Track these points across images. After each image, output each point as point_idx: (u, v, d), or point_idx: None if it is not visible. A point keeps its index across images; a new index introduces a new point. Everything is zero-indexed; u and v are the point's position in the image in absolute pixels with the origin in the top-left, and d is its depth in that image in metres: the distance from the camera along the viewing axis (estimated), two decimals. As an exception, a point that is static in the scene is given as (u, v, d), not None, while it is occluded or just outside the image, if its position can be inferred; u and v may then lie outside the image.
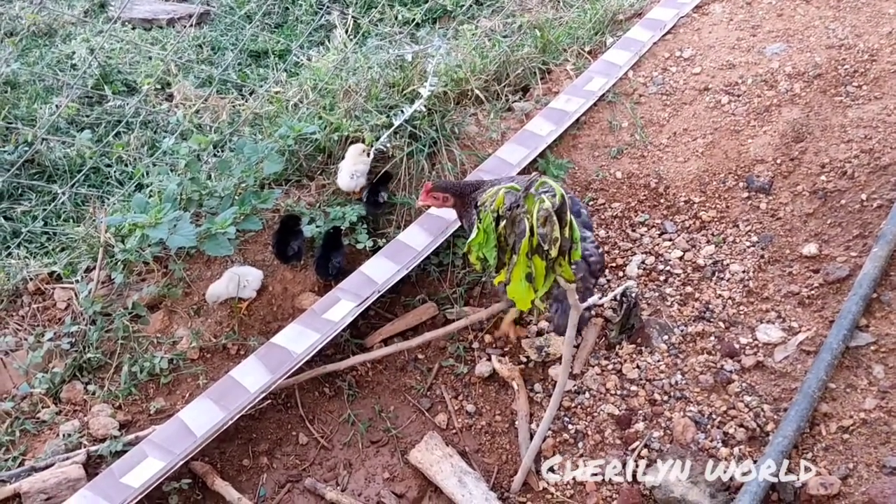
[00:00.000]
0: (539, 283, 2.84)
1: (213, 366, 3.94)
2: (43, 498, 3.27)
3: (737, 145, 4.54)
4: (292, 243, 4.17)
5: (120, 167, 5.13)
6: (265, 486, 3.70)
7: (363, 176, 4.44)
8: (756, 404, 3.58)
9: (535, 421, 3.77)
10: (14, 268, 4.21)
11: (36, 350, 3.84)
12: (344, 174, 4.43)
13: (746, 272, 4.05)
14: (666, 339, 3.91)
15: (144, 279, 4.12)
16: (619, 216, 4.49)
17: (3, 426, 3.62)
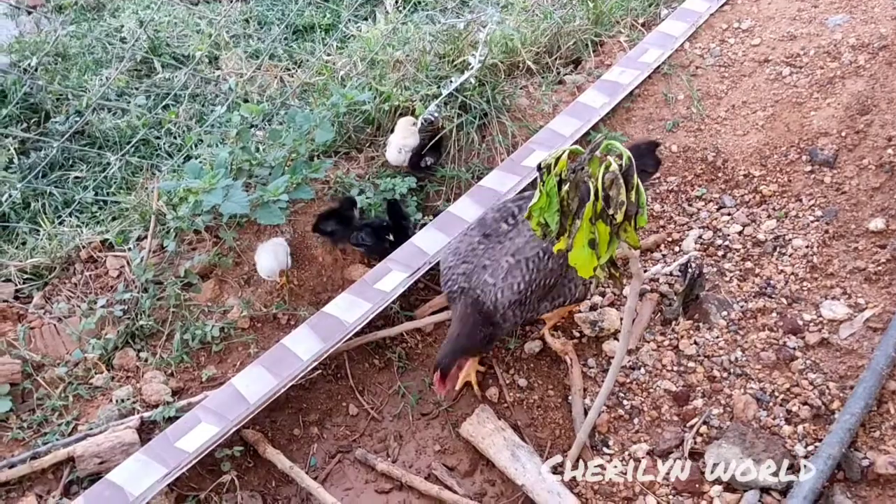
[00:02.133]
0: (602, 249, 2.75)
1: (263, 335, 3.92)
2: (97, 462, 3.28)
3: (799, 118, 4.39)
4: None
5: (169, 139, 5.14)
6: (316, 456, 3.68)
7: (412, 150, 4.38)
8: (821, 382, 3.46)
9: (589, 396, 3.69)
10: (67, 236, 4.23)
11: (89, 317, 3.86)
12: (392, 148, 4.38)
13: (810, 247, 3.91)
14: (725, 315, 3.80)
15: (195, 248, 4.11)
16: (675, 190, 4.38)
17: (57, 391, 3.63)
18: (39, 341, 3.82)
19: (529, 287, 3.38)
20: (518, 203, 3.57)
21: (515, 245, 3.40)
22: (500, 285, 3.35)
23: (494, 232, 3.47)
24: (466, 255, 3.43)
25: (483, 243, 3.44)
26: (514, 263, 3.37)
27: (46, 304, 3.97)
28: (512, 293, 3.35)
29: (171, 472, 3.16)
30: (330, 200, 4.28)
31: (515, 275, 3.35)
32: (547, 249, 3.38)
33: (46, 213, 4.50)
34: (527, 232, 3.42)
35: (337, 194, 4.35)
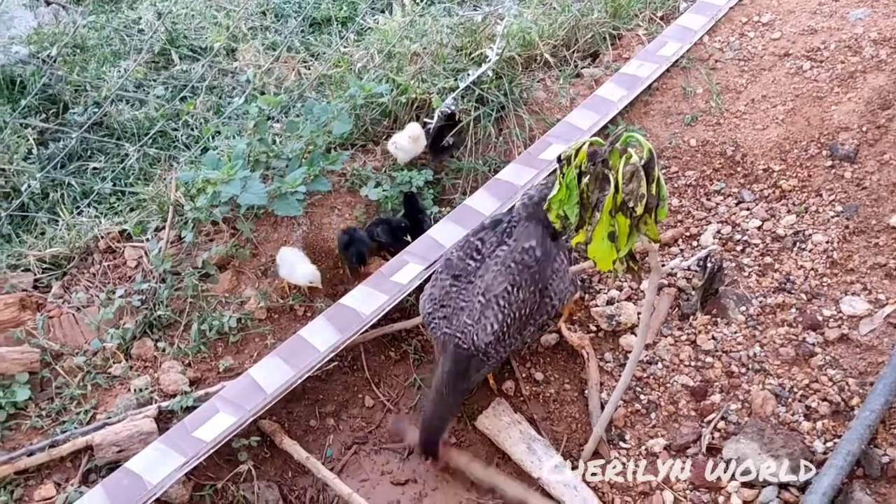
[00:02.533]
0: (622, 242, 2.74)
1: (280, 326, 3.93)
2: (115, 450, 3.30)
3: (819, 112, 4.35)
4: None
5: (186, 131, 5.16)
6: (332, 447, 3.69)
7: (404, 152, 4.39)
8: (840, 378, 3.44)
9: (606, 390, 3.68)
10: (85, 226, 4.25)
11: (107, 307, 3.87)
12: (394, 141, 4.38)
13: (830, 243, 3.88)
14: (743, 311, 3.78)
15: (213, 239, 4.12)
16: (694, 185, 4.35)
17: (76, 380, 3.65)
18: (58, 330, 3.84)
19: (503, 325, 3.31)
20: (479, 236, 3.51)
21: (485, 283, 3.35)
22: (475, 328, 3.29)
23: (463, 272, 3.41)
24: (442, 299, 3.38)
25: (455, 285, 3.39)
26: (486, 303, 3.31)
27: (65, 294, 3.99)
28: (486, 334, 3.29)
29: (189, 461, 3.17)
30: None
31: (488, 315, 3.29)
32: (515, 282, 3.33)
33: (65, 204, 4.53)
34: (493, 267, 3.37)
35: (353, 186, 4.35)
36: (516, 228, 3.48)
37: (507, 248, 3.41)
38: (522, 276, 3.33)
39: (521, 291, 3.31)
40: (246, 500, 3.41)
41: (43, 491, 3.25)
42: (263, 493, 3.44)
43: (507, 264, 3.35)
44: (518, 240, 3.43)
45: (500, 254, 3.39)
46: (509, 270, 3.33)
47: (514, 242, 3.42)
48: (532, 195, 3.61)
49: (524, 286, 3.31)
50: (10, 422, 3.50)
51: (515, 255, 3.37)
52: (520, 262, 3.35)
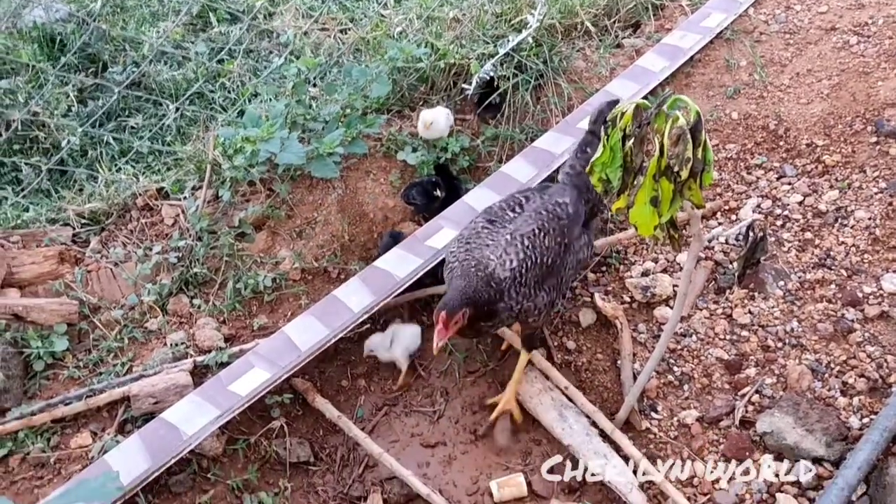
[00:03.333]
0: (665, 207, 2.70)
1: (314, 287, 3.94)
2: (151, 402, 3.34)
3: (865, 88, 4.26)
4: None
5: (224, 93, 5.17)
6: (363, 408, 3.71)
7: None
8: (879, 355, 3.39)
9: (638, 361, 3.66)
10: (123, 183, 4.28)
11: (144, 262, 3.91)
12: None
13: (873, 219, 3.81)
14: (782, 286, 3.73)
15: (249, 200, 4.14)
16: (734, 158, 4.28)
17: (113, 333, 3.70)
18: (96, 284, 3.89)
19: (523, 264, 3.20)
20: (525, 194, 3.49)
21: (515, 225, 3.31)
22: (495, 262, 3.18)
23: (500, 219, 3.38)
24: (470, 238, 3.32)
25: (487, 228, 3.34)
26: (510, 241, 3.24)
27: (103, 249, 4.04)
28: (503, 270, 3.17)
29: (224, 413, 3.21)
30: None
31: (510, 251, 3.21)
32: (543, 227, 3.27)
33: (103, 161, 4.56)
34: (526, 213, 3.34)
35: (389, 151, 4.34)
36: (553, 188, 3.48)
37: (539, 198, 3.42)
38: (551, 223, 3.29)
39: (548, 238, 3.27)
40: (278, 455, 3.45)
41: (79, 439, 3.30)
42: (295, 449, 3.47)
43: (539, 211, 3.34)
44: (552, 195, 3.43)
45: (534, 205, 3.39)
46: (539, 216, 3.31)
47: (548, 196, 3.43)
48: (574, 165, 3.58)
49: (551, 234, 3.27)
50: (48, 371, 3.56)
51: (548, 205, 3.37)
52: (551, 211, 3.34)
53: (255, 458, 3.43)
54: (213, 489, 3.26)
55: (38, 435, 3.31)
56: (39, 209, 4.22)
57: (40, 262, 3.84)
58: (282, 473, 3.44)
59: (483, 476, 3.48)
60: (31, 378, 3.54)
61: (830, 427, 3.20)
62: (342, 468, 3.53)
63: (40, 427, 3.33)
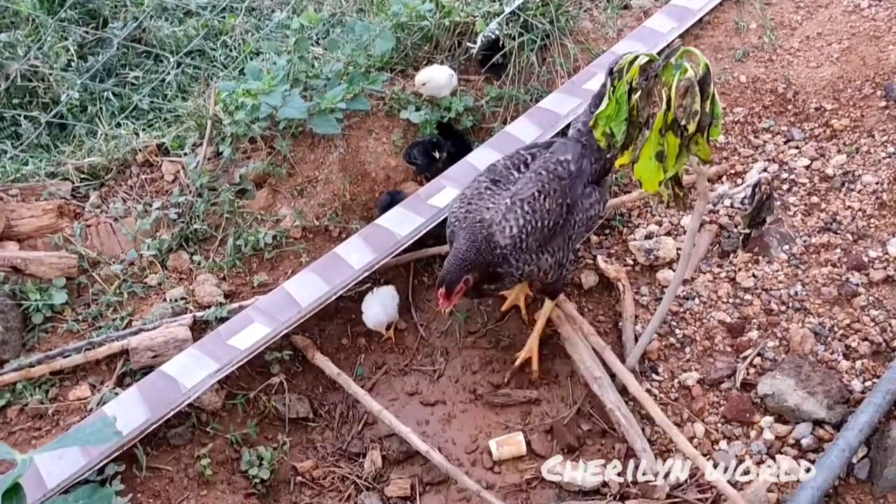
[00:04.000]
0: (670, 162, 2.65)
1: (315, 245, 3.92)
2: (150, 355, 3.32)
3: (876, 52, 4.20)
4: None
5: (225, 51, 5.10)
6: (363, 366, 3.70)
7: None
8: (883, 319, 3.37)
9: (640, 323, 3.63)
10: (123, 139, 4.24)
11: (144, 218, 3.89)
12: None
13: (880, 184, 3.77)
14: (786, 249, 3.70)
15: (250, 157, 4.10)
16: (742, 122, 4.23)
17: (112, 287, 3.68)
18: (95, 239, 3.86)
19: (523, 230, 3.15)
20: (531, 151, 3.42)
21: (516, 188, 3.23)
22: (495, 228, 3.14)
23: (504, 178, 3.31)
24: (472, 198, 3.26)
25: (490, 189, 3.27)
26: (510, 206, 3.17)
27: (102, 204, 4.01)
28: (504, 237, 3.12)
29: (223, 367, 3.20)
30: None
31: (509, 217, 3.14)
32: (544, 189, 3.20)
33: (103, 117, 4.52)
34: (527, 174, 3.28)
35: (392, 111, 4.29)
36: (556, 145, 3.40)
37: (541, 158, 3.34)
38: (552, 184, 3.22)
39: (548, 200, 3.19)
40: (277, 411, 3.44)
41: (78, 392, 3.30)
42: (294, 405, 3.47)
43: (538, 172, 3.26)
44: (554, 152, 3.35)
45: (535, 165, 3.32)
46: (539, 177, 3.23)
47: (550, 154, 3.34)
48: (587, 122, 3.50)
49: (552, 195, 3.20)
50: (47, 324, 3.55)
51: (549, 164, 3.29)
52: (552, 171, 3.26)
53: (254, 414, 3.43)
54: (211, 442, 3.26)
55: (36, 387, 3.31)
56: (39, 163, 4.18)
57: (39, 215, 3.81)
58: (281, 429, 3.44)
59: (482, 435, 3.48)
60: (29, 331, 3.53)
61: (832, 390, 3.18)
62: (341, 425, 3.53)
63: (38, 379, 3.32)
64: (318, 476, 3.35)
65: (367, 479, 3.34)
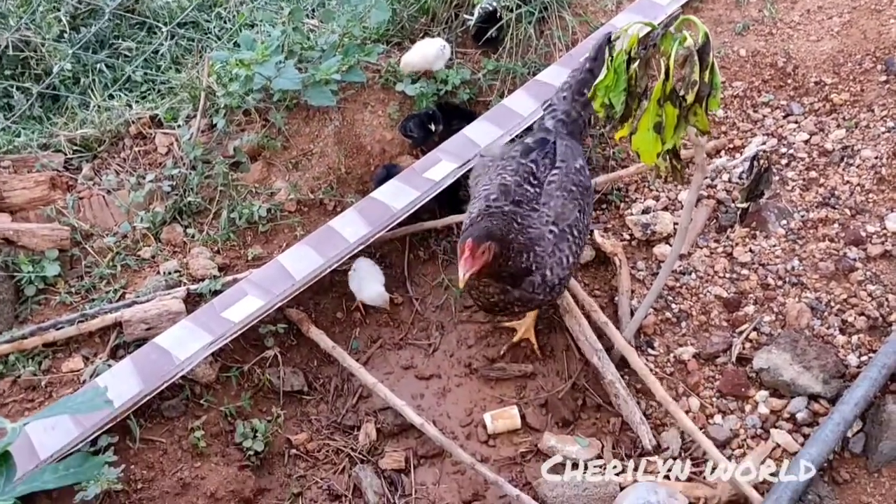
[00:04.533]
0: (668, 134, 2.63)
1: (309, 219, 3.89)
2: (144, 327, 3.31)
3: (877, 26, 4.16)
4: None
5: (219, 23, 5.04)
6: (358, 340, 3.69)
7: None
8: (880, 293, 3.35)
9: (636, 298, 3.62)
10: (116, 111, 4.20)
11: (137, 190, 3.85)
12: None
13: (879, 158, 3.74)
14: (784, 224, 3.68)
15: (244, 129, 4.05)
16: (741, 96, 4.19)
17: (105, 260, 3.66)
18: (88, 212, 3.83)
19: (575, 255, 3.11)
20: (531, 158, 3.21)
21: (554, 211, 3.07)
22: (549, 262, 2.99)
23: (523, 198, 3.10)
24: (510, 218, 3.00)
25: (517, 212, 3.04)
26: (559, 234, 3.02)
27: (95, 176, 3.97)
28: (562, 269, 3.02)
29: (217, 340, 3.18)
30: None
31: (563, 248, 3.02)
32: (582, 207, 3.13)
33: (96, 89, 4.47)
34: (557, 192, 3.12)
35: (388, 83, 4.24)
36: (558, 149, 3.26)
37: (559, 171, 3.19)
38: (585, 199, 3.18)
39: (585, 217, 3.19)
40: (271, 383, 3.43)
41: (71, 363, 3.28)
42: (289, 378, 3.46)
43: (569, 188, 3.14)
44: (566, 161, 3.22)
45: (555, 179, 3.16)
46: (573, 196, 3.12)
47: (564, 164, 3.20)
48: (569, 111, 3.45)
49: (587, 211, 3.18)
50: (40, 297, 3.53)
51: (572, 178, 3.17)
52: (579, 184, 3.18)
53: (248, 386, 3.42)
54: (205, 415, 3.25)
55: (29, 358, 3.30)
56: (31, 135, 4.14)
57: (31, 187, 3.78)
58: (275, 401, 3.43)
59: (477, 408, 3.47)
60: (22, 303, 3.51)
61: (828, 364, 3.17)
62: (336, 398, 3.52)
63: (31, 351, 3.31)
64: (312, 449, 3.34)
65: (361, 452, 3.34)
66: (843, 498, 2.96)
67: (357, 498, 3.24)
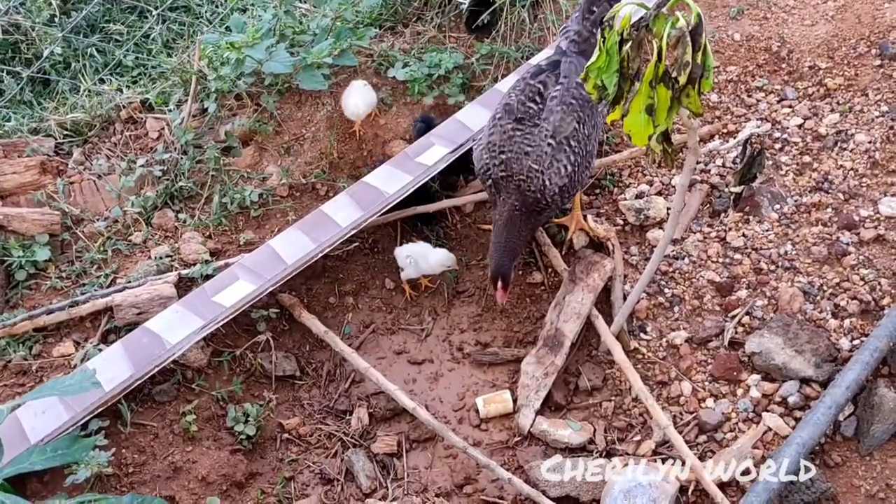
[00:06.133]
0: (661, 116, 2.61)
1: (302, 204, 3.87)
2: (135, 312, 3.29)
3: (871, 10, 4.15)
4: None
5: (210, 7, 5.02)
6: (350, 325, 3.68)
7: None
8: (873, 278, 3.35)
9: (629, 283, 3.61)
10: (107, 95, 4.17)
11: (128, 175, 3.84)
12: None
13: (873, 143, 3.74)
14: (777, 209, 3.67)
15: (236, 114, 4.03)
16: (735, 80, 4.17)
17: (96, 244, 3.64)
18: (79, 196, 3.82)
19: (575, 165, 3.26)
20: (540, 79, 3.39)
21: (552, 125, 3.25)
22: (546, 172, 3.21)
23: (526, 115, 3.30)
24: (503, 145, 3.27)
25: (519, 129, 3.27)
26: (557, 146, 3.22)
27: (86, 161, 3.95)
28: (560, 177, 3.22)
29: (208, 324, 3.17)
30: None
31: (560, 158, 3.21)
32: (581, 118, 3.25)
33: (86, 73, 4.44)
34: (556, 107, 3.28)
35: (380, 68, 4.22)
36: (562, 67, 3.38)
37: (561, 87, 3.31)
38: (585, 111, 3.26)
39: (585, 127, 3.26)
40: (263, 368, 3.42)
41: (62, 348, 3.27)
42: (281, 363, 3.45)
43: (568, 101, 3.25)
44: (569, 76, 3.33)
45: (556, 93, 3.30)
46: (572, 108, 3.24)
47: (566, 79, 3.32)
48: (581, 31, 3.49)
49: (587, 122, 3.26)
50: (30, 281, 3.51)
51: (573, 90, 3.28)
52: (580, 97, 3.26)
53: (240, 371, 3.41)
54: (197, 399, 3.24)
55: (19, 343, 3.28)
56: (21, 119, 4.12)
57: (21, 171, 3.76)
58: (267, 386, 3.42)
59: (469, 393, 3.47)
60: (12, 288, 3.49)
61: (820, 348, 3.17)
62: (328, 383, 3.51)
63: (22, 335, 3.30)
64: (304, 433, 3.34)
65: (353, 437, 3.33)
66: (834, 481, 2.97)
67: (349, 482, 3.23)
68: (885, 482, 2.94)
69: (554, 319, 3.48)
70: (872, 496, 2.93)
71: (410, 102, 4.16)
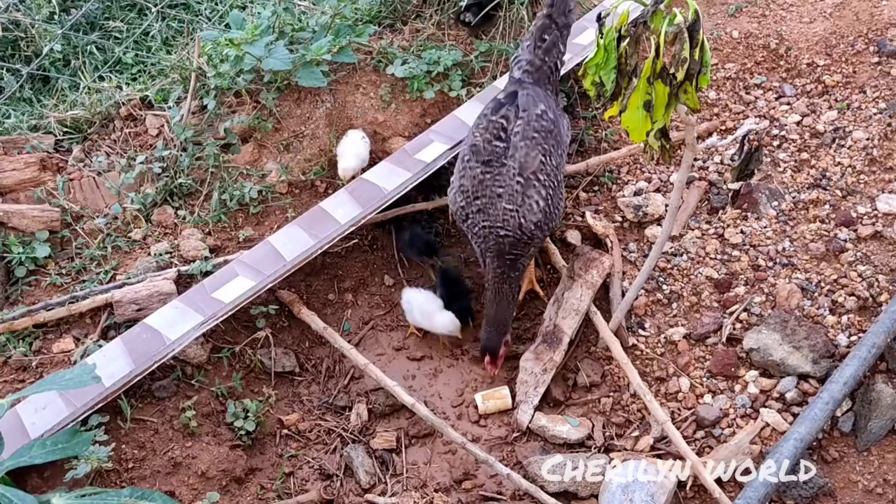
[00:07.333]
0: (658, 112, 2.63)
1: (301, 201, 3.87)
2: (134, 308, 3.30)
3: (869, 7, 4.17)
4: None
5: (210, 4, 5.02)
6: (349, 321, 3.69)
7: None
8: (870, 274, 3.37)
9: (628, 279, 3.62)
10: (106, 92, 4.17)
11: (128, 172, 3.83)
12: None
13: (871, 140, 3.75)
14: (775, 206, 3.68)
15: (235, 111, 4.03)
16: (733, 77, 4.19)
17: (96, 241, 3.65)
18: (78, 193, 3.82)
19: (548, 199, 3.23)
20: (502, 114, 3.33)
21: (517, 162, 3.21)
22: (520, 210, 3.19)
23: (493, 156, 3.26)
24: (475, 190, 3.25)
25: (488, 172, 3.24)
26: (525, 182, 3.19)
27: (86, 158, 3.95)
28: (533, 213, 3.19)
29: (208, 320, 3.18)
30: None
31: (530, 194, 3.18)
32: (545, 150, 3.23)
33: (86, 71, 4.45)
34: (520, 143, 3.24)
35: (380, 65, 4.22)
36: (519, 100, 3.34)
37: (521, 121, 3.28)
38: (548, 142, 3.24)
39: (553, 158, 3.24)
40: (263, 364, 3.43)
41: (62, 344, 3.28)
42: (280, 359, 3.46)
43: (531, 136, 3.24)
44: (528, 109, 3.30)
45: (518, 128, 3.27)
46: (535, 143, 3.22)
47: (525, 113, 3.29)
48: (533, 60, 3.46)
49: (553, 152, 3.23)
50: (30, 278, 3.51)
51: (534, 123, 3.27)
52: (541, 129, 3.25)
53: (239, 367, 3.42)
54: (197, 395, 3.25)
55: (19, 339, 3.29)
56: (21, 116, 4.12)
57: (21, 168, 3.76)
58: (266, 382, 3.43)
59: (468, 389, 3.48)
60: (12, 284, 3.49)
61: (818, 344, 3.19)
62: (328, 379, 3.53)
63: (22, 332, 3.30)
64: (304, 429, 3.35)
65: (352, 432, 3.34)
66: (832, 476, 2.98)
67: (348, 477, 3.25)
68: (882, 477, 2.95)
69: (552, 316, 3.49)
70: (870, 491, 2.94)
71: (409, 100, 4.17)
